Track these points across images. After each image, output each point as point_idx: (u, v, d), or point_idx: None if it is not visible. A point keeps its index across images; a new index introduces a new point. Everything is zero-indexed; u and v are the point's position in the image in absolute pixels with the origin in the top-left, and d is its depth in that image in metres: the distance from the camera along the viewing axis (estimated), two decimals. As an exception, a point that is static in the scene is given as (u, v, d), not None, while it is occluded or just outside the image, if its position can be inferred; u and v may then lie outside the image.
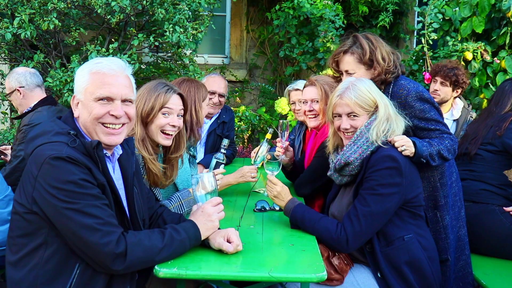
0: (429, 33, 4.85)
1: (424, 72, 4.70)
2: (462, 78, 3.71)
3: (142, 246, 1.65)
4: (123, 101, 1.77)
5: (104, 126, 1.74)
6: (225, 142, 2.74)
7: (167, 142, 2.27)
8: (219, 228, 1.90)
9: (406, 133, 2.24)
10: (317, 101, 2.90)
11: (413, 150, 2.15)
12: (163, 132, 2.24)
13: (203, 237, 1.84)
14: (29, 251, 1.63)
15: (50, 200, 1.55)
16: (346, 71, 2.45)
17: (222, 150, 2.71)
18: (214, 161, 2.67)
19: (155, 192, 2.33)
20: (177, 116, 2.27)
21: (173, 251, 1.72)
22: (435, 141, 2.30)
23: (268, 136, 2.98)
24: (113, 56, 3.74)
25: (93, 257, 1.60)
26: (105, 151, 1.77)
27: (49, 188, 1.55)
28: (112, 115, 1.73)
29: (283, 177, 3.16)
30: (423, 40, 4.90)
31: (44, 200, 1.57)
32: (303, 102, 3.00)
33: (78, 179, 1.56)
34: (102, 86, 1.72)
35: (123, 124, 1.79)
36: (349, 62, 2.43)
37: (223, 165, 2.67)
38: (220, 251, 1.83)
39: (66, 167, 1.55)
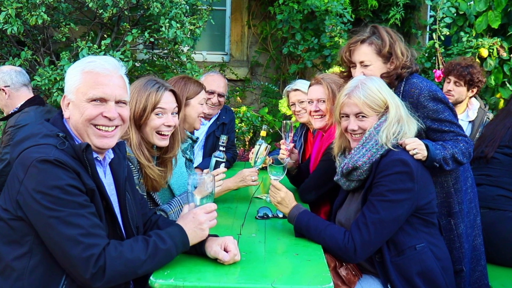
0: (440, 28, 4.84)
1: (434, 70, 4.69)
2: (477, 76, 3.69)
3: (123, 259, 1.63)
4: (117, 102, 1.78)
5: (97, 128, 1.74)
6: (223, 138, 2.70)
7: (163, 143, 2.27)
8: (216, 235, 1.90)
9: (418, 135, 2.24)
10: (324, 101, 2.90)
11: (425, 153, 2.15)
12: (158, 133, 2.24)
13: (190, 245, 1.82)
14: (12, 260, 1.63)
15: (33, 206, 1.56)
16: (361, 63, 2.44)
17: (221, 148, 2.68)
18: (213, 160, 2.64)
19: (153, 197, 2.33)
20: (172, 114, 2.27)
21: (158, 261, 1.71)
22: (449, 144, 2.30)
23: (263, 133, 2.96)
24: (105, 53, 3.76)
25: (71, 270, 1.60)
26: (96, 155, 1.78)
27: (34, 193, 1.55)
28: (105, 116, 1.74)
29: (287, 182, 3.15)
30: (434, 36, 4.90)
31: (27, 205, 1.57)
32: (309, 102, 3.00)
33: (64, 184, 1.57)
34: (95, 86, 1.72)
35: (116, 127, 1.80)
36: (366, 52, 2.42)
37: (223, 163, 2.64)
38: (219, 261, 1.83)
39: (53, 171, 1.56)
